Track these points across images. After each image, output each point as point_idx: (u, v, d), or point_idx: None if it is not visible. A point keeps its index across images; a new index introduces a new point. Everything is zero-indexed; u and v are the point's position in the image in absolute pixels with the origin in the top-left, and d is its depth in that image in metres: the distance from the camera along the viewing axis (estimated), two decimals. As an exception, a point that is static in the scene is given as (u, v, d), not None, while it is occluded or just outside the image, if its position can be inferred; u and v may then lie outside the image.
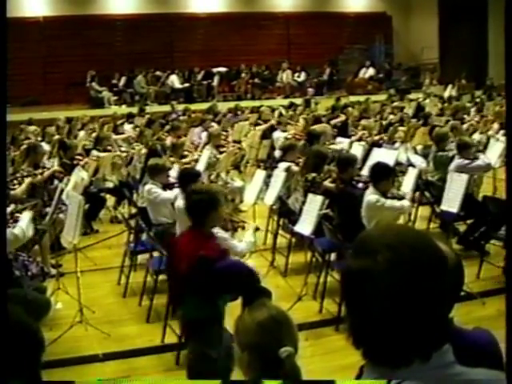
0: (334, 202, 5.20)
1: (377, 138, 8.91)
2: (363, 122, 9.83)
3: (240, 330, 1.97)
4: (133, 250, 5.49)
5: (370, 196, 4.78)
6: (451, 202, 5.24)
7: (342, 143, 8.59)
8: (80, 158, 7.74)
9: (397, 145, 8.54)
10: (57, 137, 9.80)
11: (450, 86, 17.81)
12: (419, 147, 8.21)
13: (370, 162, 6.57)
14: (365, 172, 6.41)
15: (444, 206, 5.39)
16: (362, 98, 15.19)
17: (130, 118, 12.61)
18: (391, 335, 1.03)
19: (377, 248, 1.05)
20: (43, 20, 17.29)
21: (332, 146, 8.18)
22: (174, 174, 6.16)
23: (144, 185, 5.88)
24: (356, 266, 1.06)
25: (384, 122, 10.81)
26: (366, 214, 4.78)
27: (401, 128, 9.31)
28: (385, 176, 4.85)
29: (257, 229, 4.30)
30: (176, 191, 5.32)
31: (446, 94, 16.94)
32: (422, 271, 1.03)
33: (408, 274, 1.02)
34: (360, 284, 1.05)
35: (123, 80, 17.48)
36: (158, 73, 17.92)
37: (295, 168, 6.36)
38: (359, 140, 8.68)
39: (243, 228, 4.41)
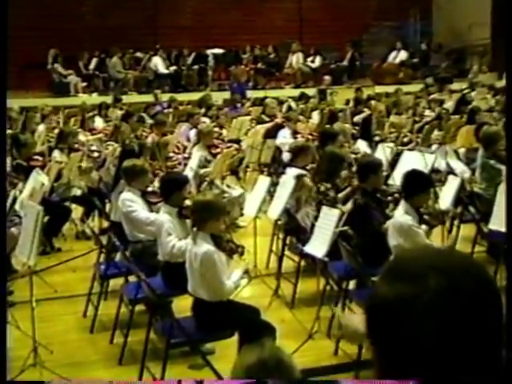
0: (352, 219, 5.23)
1: (408, 138, 8.97)
2: (392, 118, 9.90)
3: (231, 373, 2.06)
4: (103, 274, 5.53)
5: (403, 218, 4.75)
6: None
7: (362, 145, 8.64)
8: (39, 158, 7.79)
9: (434, 147, 8.59)
10: (9, 131, 9.86)
11: (505, 74, 17.83)
12: (462, 150, 8.25)
13: (400, 169, 6.62)
14: (392, 181, 6.44)
15: (493, 225, 5.42)
16: (390, 89, 15.27)
17: (102, 109, 12.67)
18: (438, 378, 1.06)
19: (423, 272, 1.08)
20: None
21: (352, 149, 8.24)
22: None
23: (119, 193, 5.91)
24: (394, 293, 1.09)
25: (418, 119, 10.88)
26: (393, 235, 4.78)
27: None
28: (421, 189, 4.85)
29: (246, 271, 4.41)
30: (158, 215, 5.32)
31: (501, 85, 16.97)
32: (478, 299, 1.07)
33: (464, 303, 1.06)
34: (399, 316, 1.07)
35: (94, 62, 17.59)
36: (137, 54, 18.03)
37: (307, 180, 6.39)
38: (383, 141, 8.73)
39: (242, 254, 4.46)
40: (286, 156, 8.80)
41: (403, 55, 19.42)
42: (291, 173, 6.60)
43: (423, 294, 1.06)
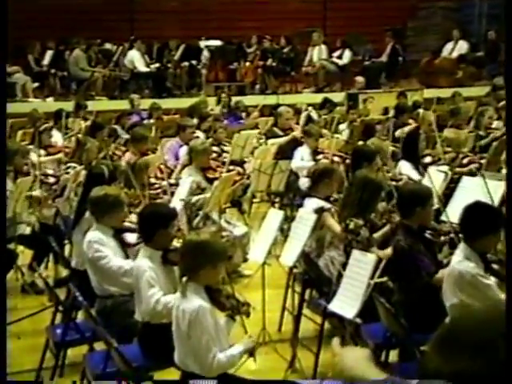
0: (392, 267, 5.27)
1: (468, 159, 9.01)
2: (447, 132, 9.95)
3: None
4: (60, 341, 5.54)
5: (462, 265, 4.74)
6: None
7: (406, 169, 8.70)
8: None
9: (504, 172, 8.63)
10: None
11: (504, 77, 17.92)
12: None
13: (457, 200, 6.65)
14: (447, 217, 6.47)
15: None
16: (445, 93, 15.36)
17: (60, 119, 12.76)
18: None
19: (489, 341, 1.15)
20: None
21: (392, 173, 8.29)
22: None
23: (84, 232, 5.97)
24: (452, 369, 1.16)
25: (483, 134, 10.92)
26: (451, 290, 4.78)
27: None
28: (488, 229, 4.81)
29: (251, 352, 4.44)
30: (135, 261, 5.35)
31: None
32: None
33: None
34: None
35: (49, 55, 17.78)
36: (107, 46, 18.22)
37: (332, 210, 6.45)
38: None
39: (247, 315, 4.48)
40: (303, 183, 8.85)
41: (463, 47, 19.37)
42: (311, 205, 6.66)
43: (490, 369, 1.12)
